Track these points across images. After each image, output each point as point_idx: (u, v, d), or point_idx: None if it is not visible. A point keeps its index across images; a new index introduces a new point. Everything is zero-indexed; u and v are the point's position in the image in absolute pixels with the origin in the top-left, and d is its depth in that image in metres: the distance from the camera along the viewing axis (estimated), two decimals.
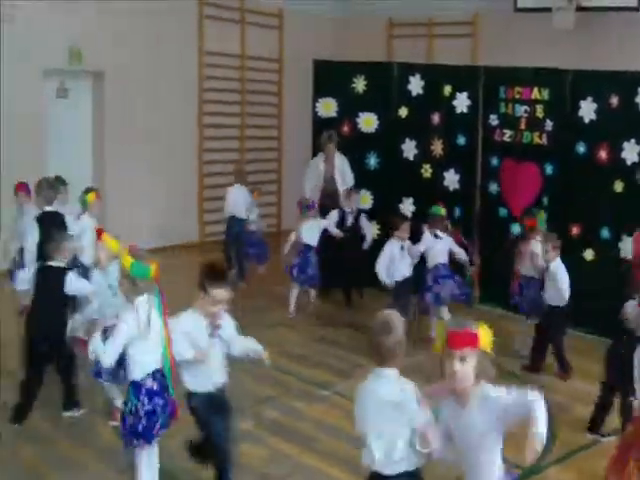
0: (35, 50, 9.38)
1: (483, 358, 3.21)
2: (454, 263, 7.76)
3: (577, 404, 6.30)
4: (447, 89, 8.95)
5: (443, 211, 7.79)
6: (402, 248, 7.51)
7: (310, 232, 8.43)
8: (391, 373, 3.51)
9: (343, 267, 8.64)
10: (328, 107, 9.55)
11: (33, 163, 9.09)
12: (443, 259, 7.60)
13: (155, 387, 4.28)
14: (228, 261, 9.23)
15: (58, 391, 5.89)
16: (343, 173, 9.15)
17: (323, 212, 8.78)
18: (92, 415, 5.85)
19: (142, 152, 10.57)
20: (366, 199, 9.34)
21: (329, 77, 9.62)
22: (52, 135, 9.93)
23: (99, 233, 5.50)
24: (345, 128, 9.42)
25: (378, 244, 8.20)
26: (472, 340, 3.18)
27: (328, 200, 9.02)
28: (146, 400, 4.25)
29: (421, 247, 7.58)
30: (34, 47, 9.35)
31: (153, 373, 4.30)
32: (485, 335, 3.23)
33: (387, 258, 7.47)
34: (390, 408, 3.46)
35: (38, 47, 9.39)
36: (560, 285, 6.67)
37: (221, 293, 4.38)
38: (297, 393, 6.37)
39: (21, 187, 7.72)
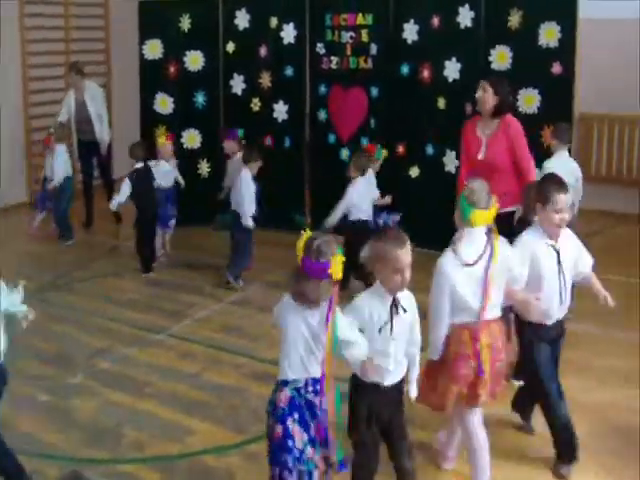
0: None
1: None
2: None
3: None
4: (273, 21, 8.85)
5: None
6: None
7: None
8: None
9: None
10: (154, 49, 9.25)
11: None
12: None
13: None
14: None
15: None
16: (94, 98, 9.49)
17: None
18: None
19: None
20: (194, 138, 9.17)
21: (155, 18, 9.29)
22: None
23: None
24: (171, 69, 9.15)
25: (209, 182, 8.09)
26: None
27: (84, 127, 9.39)
28: None
29: None
30: None
31: None
32: None
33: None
34: None
35: None
36: None
37: None
38: (129, 340, 6.19)
39: None
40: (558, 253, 4.08)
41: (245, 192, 7.12)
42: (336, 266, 3.28)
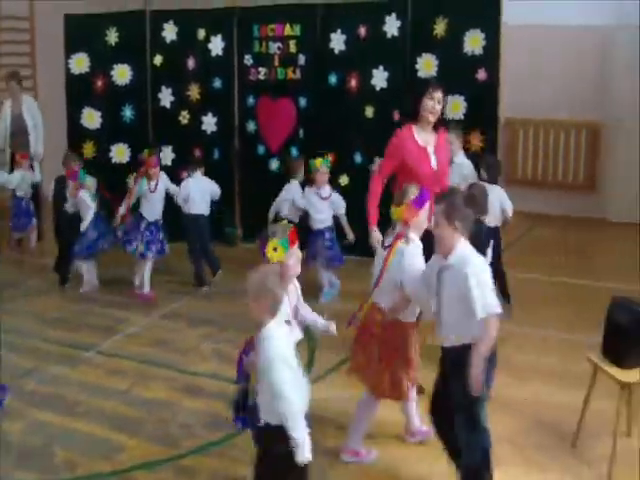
0: None
1: None
2: None
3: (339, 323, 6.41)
4: (201, 33, 8.84)
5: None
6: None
7: None
8: None
9: None
10: (80, 62, 9.16)
11: None
12: None
13: None
14: None
15: None
16: (31, 111, 9.25)
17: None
18: None
19: None
20: (122, 152, 9.08)
21: (81, 32, 9.20)
22: None
23: None
24: (99, 83, 9.07)
25: None
26: None
27: (19, 139, 9.07)
28: None
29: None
30: None
31: None
32: None
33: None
34: None
35: None
36: None
37: None
38: (58, 359, 6.05)
39: None
40: (439, 271, 3.69)
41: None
42: (269, 250, 3.65)
